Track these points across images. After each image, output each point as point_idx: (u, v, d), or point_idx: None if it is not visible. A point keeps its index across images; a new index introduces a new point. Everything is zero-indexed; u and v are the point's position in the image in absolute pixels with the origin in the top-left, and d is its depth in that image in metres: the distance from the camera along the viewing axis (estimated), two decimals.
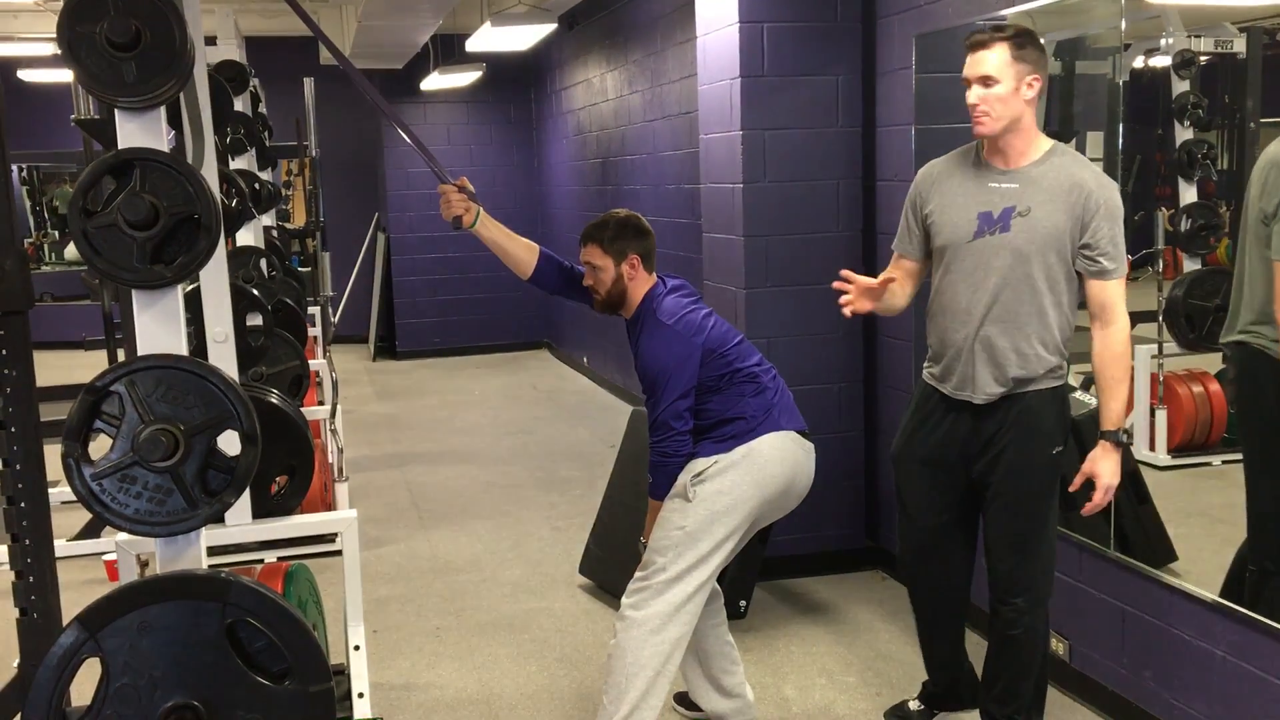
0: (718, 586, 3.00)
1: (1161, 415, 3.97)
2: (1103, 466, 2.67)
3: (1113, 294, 2.64)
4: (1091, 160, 4.50)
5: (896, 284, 2.88)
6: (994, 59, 2.58)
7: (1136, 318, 4.07)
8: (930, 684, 3.16)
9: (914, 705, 3.19)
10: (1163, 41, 3.85)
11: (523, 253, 2.99)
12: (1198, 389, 4.02)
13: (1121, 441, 2.66)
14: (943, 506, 2.89)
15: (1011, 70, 2.58)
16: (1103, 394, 2.67)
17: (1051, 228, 2.62)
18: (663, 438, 2.79)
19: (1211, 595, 2.78)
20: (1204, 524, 3.37)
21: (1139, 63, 3.91)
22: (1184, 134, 3.89)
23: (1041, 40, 2.70)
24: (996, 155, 2.72)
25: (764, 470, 2.80)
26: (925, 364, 2.91)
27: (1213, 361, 4.07)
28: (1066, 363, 2.75)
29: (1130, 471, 3.50)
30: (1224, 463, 3.58)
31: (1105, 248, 2.61)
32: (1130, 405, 2.81)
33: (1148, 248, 4.16)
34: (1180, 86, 3.86)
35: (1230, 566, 3.00)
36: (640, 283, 2.91)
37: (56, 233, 12.22)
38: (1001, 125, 2.62)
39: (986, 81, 2.59)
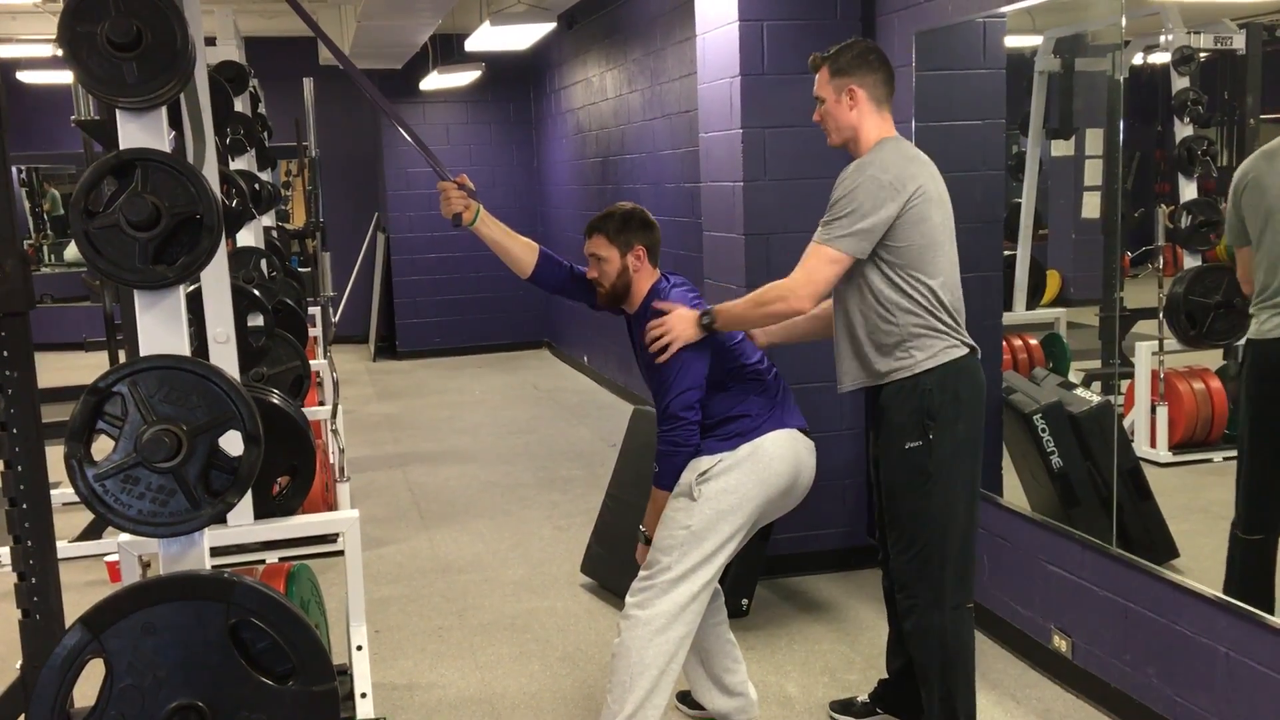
0: (718, 585, 3.00)
1: (1162, 412, 3.97)
2: (673, 314, 2.79)
3: (806, 252, 2.70)
4: (1091, 158, 4.53)
5: None
6: (819, 80, 2.80)
7: (1137, 314, 4.10)
8: (884, 678, 3.18)
9: (861, 699, 3.22)
10: (1162, 38, 3.85)
11: (522, 251, 2.98)
12: (1198, 386, 4.03)
13: (705, 325, 2.78)
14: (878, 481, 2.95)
15: (830, 87, 2.77)
16: (741, 299, 2.84)
17: None
18: (672, 427, 2.78)
19: (1214, 591, 2.78)
20: (1205, 520, 3.37)
21: (1139, 59, 3.91)
22: (1184, 130, 3.90)
23: (871, 52, 2.78)
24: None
25: (769, 468, 2.80)
26: None
27: (1213, 358, 4.08)
28: (924, 351, 2.69)
29: (1131, 468, 3.51)
30: (1225, 459, 3.58)
31: (827, 212, 2.70)
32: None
33: (1147, 245, 4.17)
34: (1180, 83, 3.87)
35: (1231, 561, 3.00)
36: (645, 276, 2.91)
37: (54, 234, 12.22)
38: (841, 137, 2.80)
39: (819, 100, 2.81)
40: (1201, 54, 3.88)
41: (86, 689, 1.77)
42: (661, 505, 2.84)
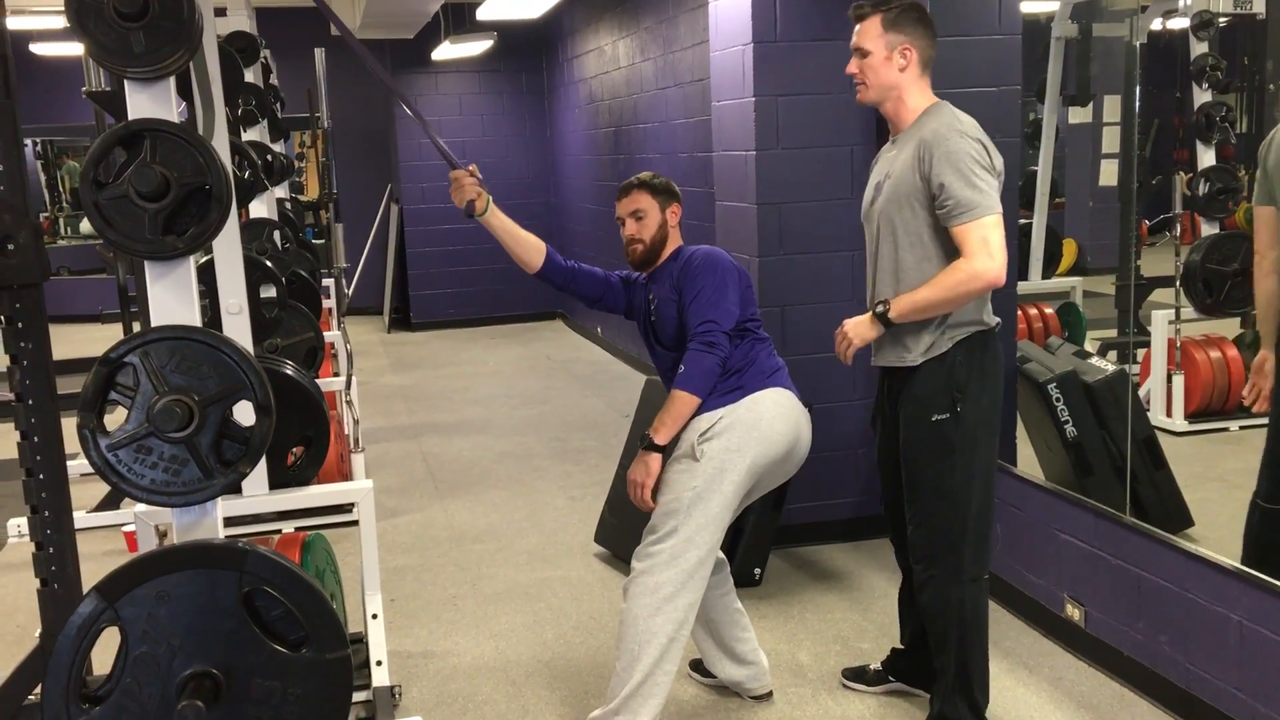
0: (723, 555, 3.01)
1: (1179, 381, 3.95)
2: (853, 320, 2.73)
3: (964, 236, 2.55)
4: (1108, 125, 4.48)
5: None
6: (867, 30, 2.68)
7: (1154, 283, 4.07)
8: (897, 646, 3.18)
9: (874, 667, 3.23)
10: (1181, 2, 3.80)
11: (530, 245, 3.06)
12: (1215, 355, 4.00)
13: (879, 315, 2.67)
14: (891, 456, 2.89)
15: (882, 41, 2.66)
16: (919, 288, 2.63)
17: (907, 188, 2.64)
18: (709, 330, 2.77)
19: (1229, 561, 2.77)
20: (1221, 489, 3.36)
21: (1157, 24, 3.87)
22: (1202, 97, 3.85)
23: (925, 11, 2.69)
24: (892, 126, 2.77)
25: (771, 426, 2.81)
26: None
27: (1230, 327, 4.05)
28: (955, 328, 2.67)
29: (1146, 437, 3.50)
30: (1241, 428, 3.56)
31: (950, 193, 2.55)
32: (932, 305, 2.59)
33: (1165, 212, 4.13)
34: (1199, 48, 3.82)
35: (1250, 530, 2.97)
36: (675, 236, 3.03)
37: (70, 206, 12.26)
38: (876, 94, 2.71)
39: (861, 52, 2.69)
40: (1221, 19, 3.82)
41: (106, 659, 1.79)
42: (678, 410, 2.78)
